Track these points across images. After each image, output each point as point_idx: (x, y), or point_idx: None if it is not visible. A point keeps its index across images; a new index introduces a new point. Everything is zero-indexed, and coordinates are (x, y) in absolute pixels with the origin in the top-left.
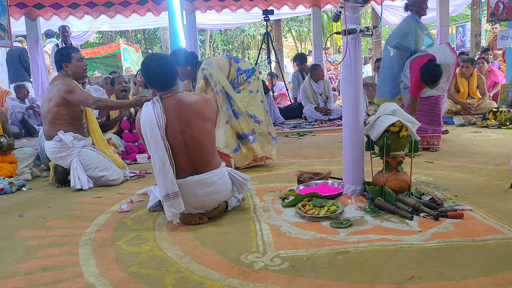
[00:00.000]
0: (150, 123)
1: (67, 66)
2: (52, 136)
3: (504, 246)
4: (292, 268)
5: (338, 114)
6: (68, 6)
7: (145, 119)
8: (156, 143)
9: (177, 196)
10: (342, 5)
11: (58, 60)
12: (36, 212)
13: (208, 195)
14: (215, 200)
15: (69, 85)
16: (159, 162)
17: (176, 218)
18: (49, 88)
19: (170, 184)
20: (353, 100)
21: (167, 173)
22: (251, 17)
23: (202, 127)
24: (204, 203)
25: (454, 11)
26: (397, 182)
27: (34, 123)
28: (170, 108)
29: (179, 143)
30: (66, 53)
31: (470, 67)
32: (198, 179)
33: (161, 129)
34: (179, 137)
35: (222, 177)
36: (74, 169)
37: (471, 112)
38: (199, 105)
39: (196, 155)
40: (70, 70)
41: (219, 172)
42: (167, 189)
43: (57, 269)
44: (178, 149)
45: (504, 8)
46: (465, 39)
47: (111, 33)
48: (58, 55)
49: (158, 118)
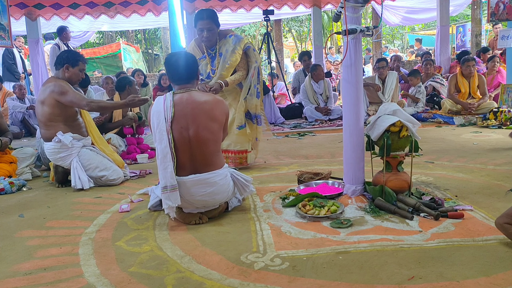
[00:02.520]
0: (158, 115)
1: (68, 69)
2: (50, 138)
3: (504, 246)
4: (293, 268)
5: (338, 114)
6: (68, 6)
7: (154, 110)
8: (160, 135)
9: (174, 190)
10: (343, 5)
11: (63, 60)
12: (37, 212)
13: (209, 195)
14: (216, 200)
15: (62, 86)
16: (161, 153)
17: (173, 212)
18: (42, 90)
19: (169, 176)
20: (353, 100)
21: (167, 165)
22: (252, 17)
23: (208, 126)
24: (205, 203)
25: (454, 11)
26: (398, 182)
27: (35, 123)
28: (180, 103)
29: (183, 139)
30: (74, 57)
31: (474, 66)
32: (200, 178)
33: (167, 121)
34: (184, 133)
35: (224, 178)
36: (74, 169)
37: (472, 112)
38: (208, 105)
39: (198, 154)
40: (69, 74)
41: (221, 172)
42: (166, 181)
43: (58, 269)
44: (182, 145)
45: (505, 8)
46: (466, 39)
47: (112, 33)
48: (66, 54)
49: (166, 111)
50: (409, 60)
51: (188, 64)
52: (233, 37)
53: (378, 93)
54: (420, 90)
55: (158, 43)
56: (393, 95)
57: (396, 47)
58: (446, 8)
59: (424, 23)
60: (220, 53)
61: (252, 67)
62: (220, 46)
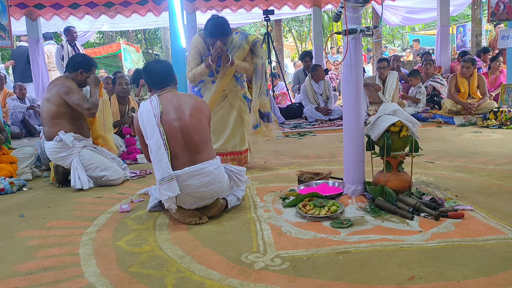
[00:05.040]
0: (147, 112)
1: (82, 74)
2: (52, 137)
3: (504, 246)
4: (293, 268)
5: (338, 114)
6: (68, 6)
7: (142, 110)
8: (152, 129)
9: (172, 179)
10: (343, 5)
11: (78, 64)
12: (37, 212)
13: (206, 185)
14: (213, 191)
15: (69, 86)
16: (154, 147)
17: (173, 204)
18: (49, 87)
19: (165, 167)
20: (353, 100)
21: (162, 157)
22: (252, 17)
23: (195, 116)
24: (203, 194)
25: (454, 11)
26: (398, 182)
27: (35, 123)
28: (167, 100)
29: (175, 129)
30: (89, 63)
31: (471, 67)
32: (195, 169)
33: (156, 116)
34: (175, 124)
35: (218, 167)
36: (74, 169)
37: (472, 112)
38: (193, 100)
39: (190, 142)
40: (81, 78)
41: (215, 162)
42: (163, 173)
43: (58, 269)
44: (173, 135)
45: (505, 8)
46: (466, 39)
47: (112, 33)
48: (81, 59)
49: (154, 108)
50: (408, 60)
51: (165, 69)
52: (239, 34)
53: (379, 93)
54: (421, 90)
55: (158, 43)
56: (394, 95)
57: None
58: (446, 8)
59: (424, 23)
60: (227, 49)
61: (260, 63)
62: (226, 43)
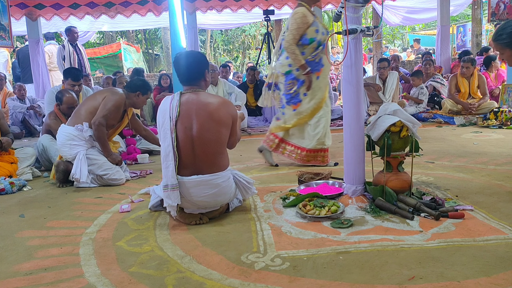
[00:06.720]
0: (164, 114)
1: (138, 96)
2: (76, 124)
3: (505, 246)
4: (293, 268)
5: (338, 114)
6: (68, 6)
7: (161, 109)
8: (165, 133)
9: (175, 189)
10: (343, 5)
11: (137, 87)
12: (37, 212)
13: (211, 196)
14: (217, 202)
15: (115, 99)
16: (164, 152)
17: (174, 211)
18: (105, 89)
19: (170, 175)
20: (354, 100)
21: (168, 164)
22: (252, 17)
23: (211, 127)
24: (207, 204)
25: (455, 11)
26: (398, 182)
27: (35, 123)
28: (186, 103)
29: (187, 138)
30: (146, 88)
31: (471, 67)
32: (202, 179)
33: (171, 120)
34: (188, 133)
35: (227, 180)
36: (78, 160)
37: (472, 112)
38: (213, 107)
39: (201, 154)
40: (138, 100)
41: (224, 174)
42: (167, 180)
43: (58, 269)
44: (185, 144)
45: (505, 8)
46: (466, 39)
47: (112, 33)
48: (141, 83)
49: (171, 110)
50: (408, 60)
51: (195, 64)
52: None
53: (379, 93)
54: (423, 91)
55: (158, 43)
56: (394, 95)
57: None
58: (447, 8)
59: (425, 23)
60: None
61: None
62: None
